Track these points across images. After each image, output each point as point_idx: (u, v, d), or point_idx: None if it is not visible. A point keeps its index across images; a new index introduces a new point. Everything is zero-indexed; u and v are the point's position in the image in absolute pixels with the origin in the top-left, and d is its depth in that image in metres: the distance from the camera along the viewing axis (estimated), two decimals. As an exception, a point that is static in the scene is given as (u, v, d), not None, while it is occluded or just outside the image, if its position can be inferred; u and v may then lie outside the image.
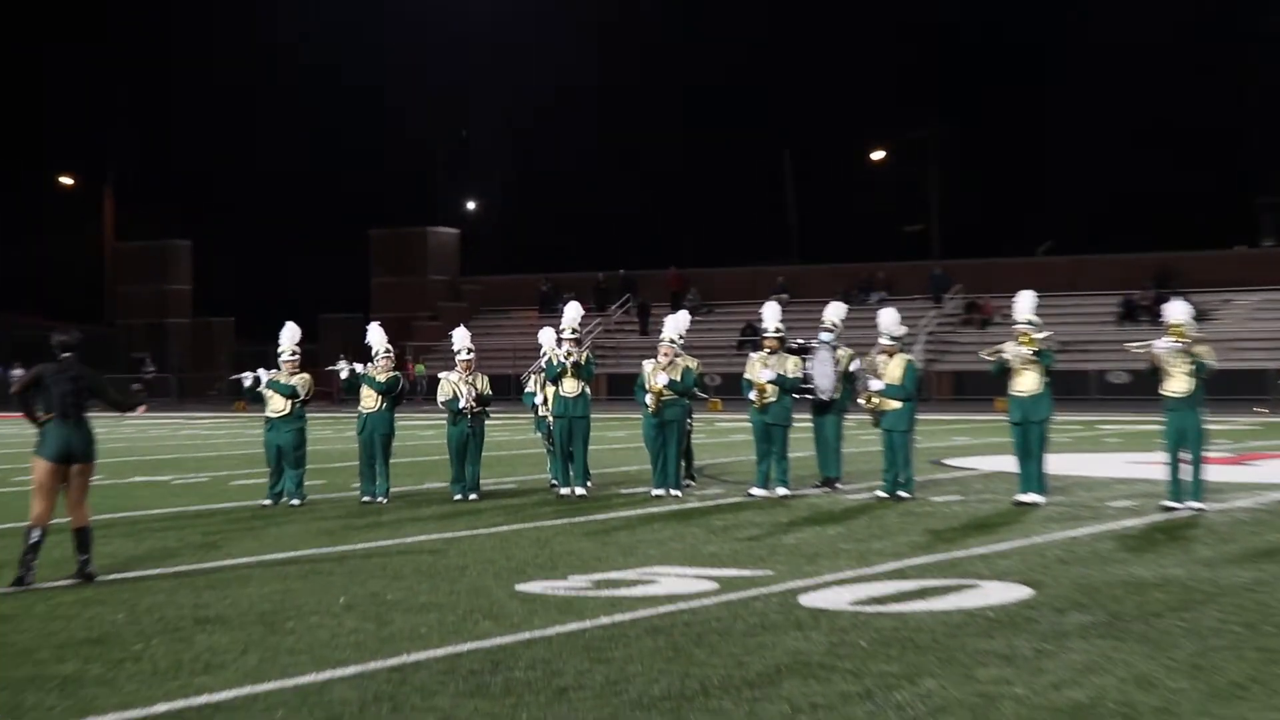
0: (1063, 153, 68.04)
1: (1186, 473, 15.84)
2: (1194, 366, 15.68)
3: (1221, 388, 40.93)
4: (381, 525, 15.61)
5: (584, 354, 18.38)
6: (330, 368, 20.11)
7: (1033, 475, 16.61)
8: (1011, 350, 16.69)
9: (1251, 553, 12.76)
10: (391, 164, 74.56)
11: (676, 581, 11.48)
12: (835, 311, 19.12)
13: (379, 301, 61.17)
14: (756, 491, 17.84)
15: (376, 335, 18.63)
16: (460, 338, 18.65)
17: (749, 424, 18.31)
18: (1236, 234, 56.94)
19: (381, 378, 18.17)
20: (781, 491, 17.75)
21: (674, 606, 10.38)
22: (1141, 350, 16.17)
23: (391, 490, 18.32)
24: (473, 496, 18.06)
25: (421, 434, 31.94)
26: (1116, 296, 50.39)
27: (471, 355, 18.51)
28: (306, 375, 18.05)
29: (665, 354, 18.05)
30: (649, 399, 17.93)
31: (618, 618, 9.97)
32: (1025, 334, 16.57)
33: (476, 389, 18.22)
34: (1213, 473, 17.75)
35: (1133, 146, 66.09)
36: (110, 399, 12.15)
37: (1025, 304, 16.92)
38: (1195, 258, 51.29)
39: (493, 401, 18.75)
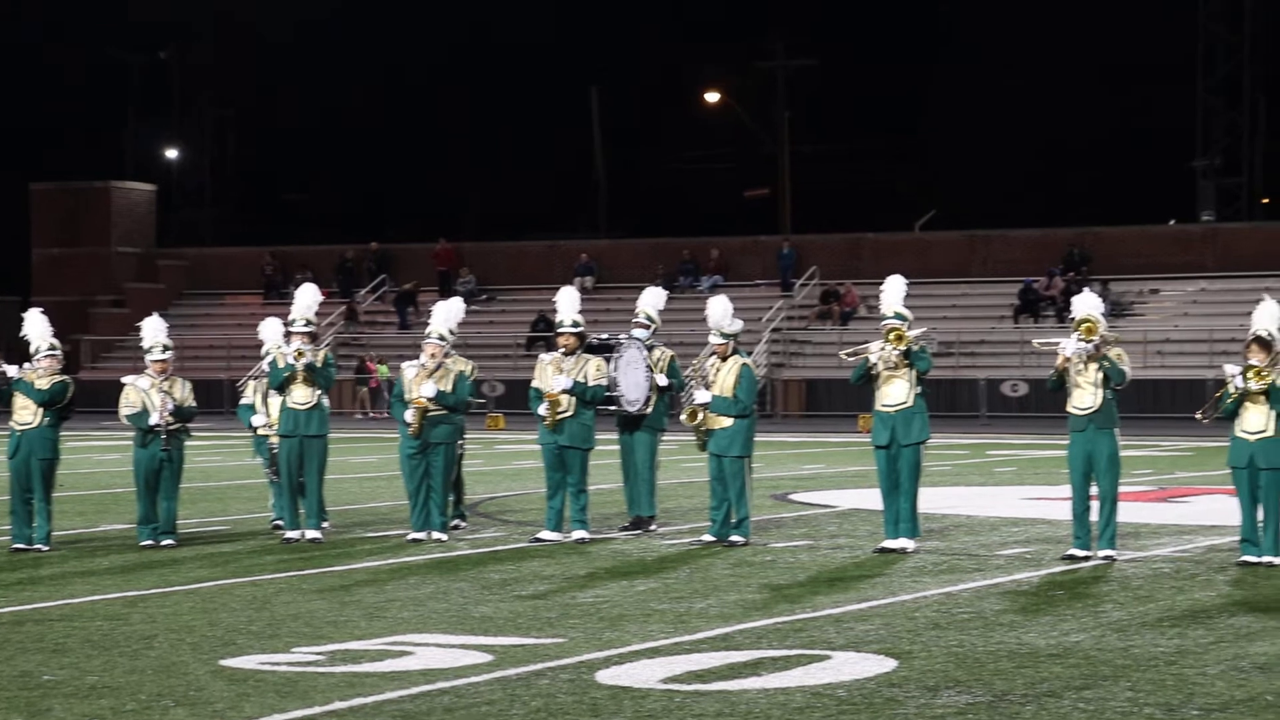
0: (951, 98, 69.33)
1: (1096, 512, 16.28)
2: (1103, 375, 15.98)
3: (1144, 402, 42.34)
4: (39, 581, 15.34)
5: (321, 354, 18.30)
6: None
7: (902, 514, 16.92)
8: (877, 351, 16.95)
9: (1173, 615, 13.19)
10: (61, 94, 73.01)
11: (437, 653, 11.50)
12: (651, 300, 19.28)
13: (43, 280, 59.99)
14: (546, 535, 17.93)
15: (37, 326, 18.33)
16: (152, 331, 18.42)
17: (538, 447, 18.37)
18: (1169, 206, 58.70)
19: (42, 383, 17.88)
20: (579, 535, 17.86)
21: (432, 685, 10.39)
22: (1048, 348, 16.47)
23: (54, 534, 18.02)
24: (166, 542, 17.86)
25: (98, 458, 31.43)
26: (1014, 284, 51.58)
27: (168, 355, 18.28)
28: (-61, 379, 17.69)
29: (432, 355, 18.03)
30: (409, 415, 17.89)
31: (356, 702, 9.95)
32: (895, 330, 16.84)
33: (174, 399, 18.01)
34: (1128, 512, 18.28)
35: (1042, 91, 67.51)
36: None
37: (895, 292, 17.21)
38: (1115, 235, 52.71)
39: (196, 416, 18.54)
